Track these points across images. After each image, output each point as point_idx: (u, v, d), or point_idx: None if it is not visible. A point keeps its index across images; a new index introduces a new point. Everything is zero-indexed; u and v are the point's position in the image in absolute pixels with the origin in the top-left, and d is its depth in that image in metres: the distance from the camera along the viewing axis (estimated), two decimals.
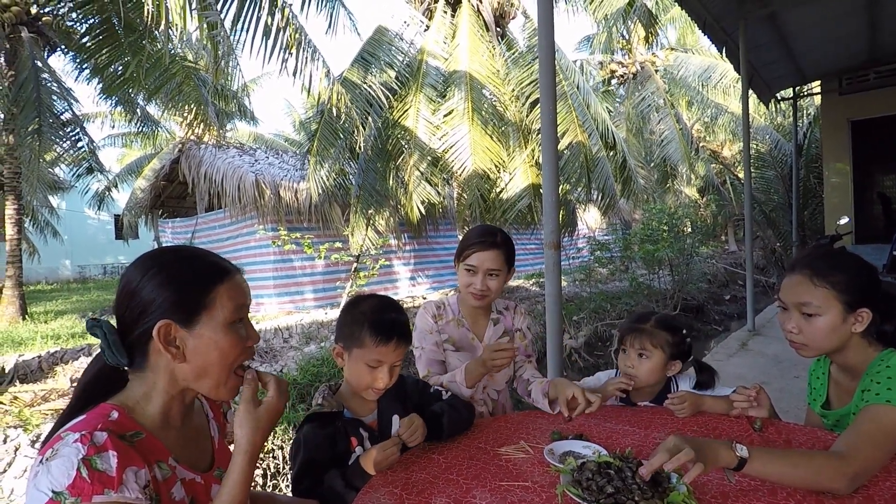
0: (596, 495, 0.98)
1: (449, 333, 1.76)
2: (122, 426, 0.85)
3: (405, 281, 10.89)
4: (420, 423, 1.30)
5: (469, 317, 1.80)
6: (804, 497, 1.02)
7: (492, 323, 1.81)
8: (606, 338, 7.28)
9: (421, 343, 1.74)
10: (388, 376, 1.32)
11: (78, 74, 7.59)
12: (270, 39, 4.83)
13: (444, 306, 1.81)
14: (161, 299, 0.87)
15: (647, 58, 14.15)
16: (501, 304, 1.87)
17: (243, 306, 0.95)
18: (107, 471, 0.76)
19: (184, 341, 0.89)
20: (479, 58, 7.96)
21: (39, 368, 5.51)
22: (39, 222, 16.33)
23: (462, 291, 1.73)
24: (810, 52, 6.86)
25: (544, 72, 2.41)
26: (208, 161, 9.42)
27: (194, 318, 0.88)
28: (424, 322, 1.76)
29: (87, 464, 0.75)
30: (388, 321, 1.33)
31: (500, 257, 1.67)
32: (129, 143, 18.08)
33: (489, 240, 1.67)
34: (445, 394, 1.50)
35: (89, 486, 0.74)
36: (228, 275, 0.94)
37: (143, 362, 0.90)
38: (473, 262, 1.66)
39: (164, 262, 0.91)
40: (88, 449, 0.76)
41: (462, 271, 1.70)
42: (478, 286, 1.65)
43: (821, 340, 1.26)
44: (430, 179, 7.97)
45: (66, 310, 10.79)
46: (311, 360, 5.64)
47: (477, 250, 1.65)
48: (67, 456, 0.75)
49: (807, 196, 9.91)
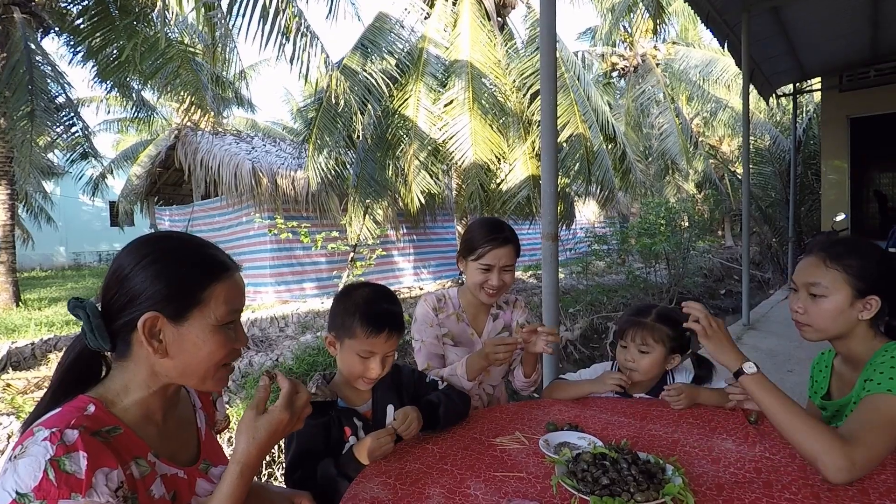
0: (591, 486, 0.98)
1: (448, 328, 1.75)
2: (98, 421, 0.81)
3: (402, 271, 10.88)
4: (415, 416, 1.28)
5: (470, 311, 1.79)
6: (799, 489, 1.02)
7: (491, 318, 1.80)
8: (602, 330, 7.31)
9: (421, 335, 1.72)
10: (379, 366, 1.31)
11: (72, 58, 7.49)
12: (268, 24, 4.76)
13: (444, 299, 1.78)
14: (152, 290, 0.83)
15: (648, 50, 14.07)
16: (502, 299, 1.84)
17: (237, 310, 0.90)
18: (75, 473, 0.72)
19: (169, 337, 0.84)
20: (481, 47, 7.89)
21: (33, 355, 5.49)
22: (33, 208, 16.17)
23: (472, 289, 1.70)
24: (812, 47, 6.82)
25: (545, 63, 2.38)
26: (205, 148, 9.33)
27: (184, 315, 0.84)
28: (425, 314, 1.74)
29: (55, 465, 0.71)
30: (379, 312, 1.31)
31: (513, 252, 1.67)
32: (124, 129, 17.92)
33: (501, 236, 1.65)
34: (441, 383, 1.49)
35: (55, 490, 0.70)
36: (227, 273, 0.89)
37: (125, 351, 0.86)
38: (489, 261, 1.64)
39: (161, 251, 0.86)
40: (57, 449, 0.73)
41: (474, 270, 1.67)
42: (494, 283, 1.64)
43: (824, 322, 1.24)
44: (430, 169, 7.93)
45: (60, 297, 10.74)
46: (307, 350, 5.64)
47: (492, 248, 1.63)
48: (35, 456, 0.72)
49: (804, 192, 9.93)
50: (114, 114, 16.19)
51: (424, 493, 1.05)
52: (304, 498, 1.10)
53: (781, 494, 1.01)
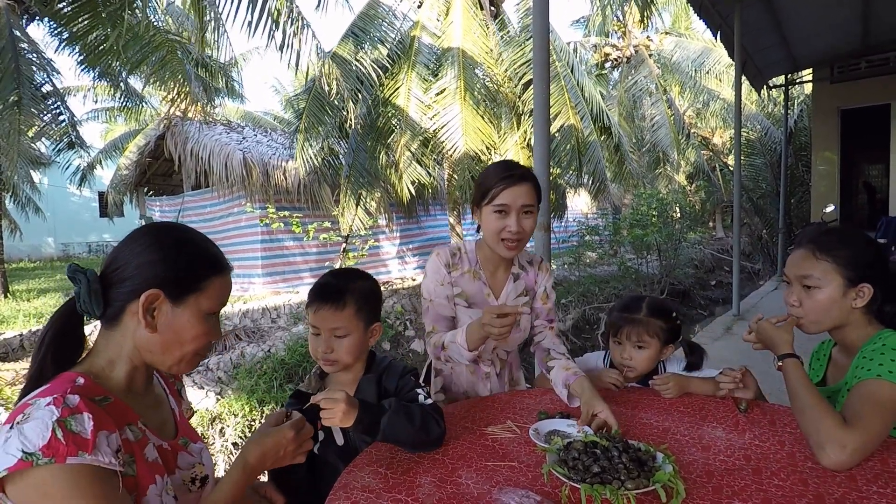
0: (582, 475, 0.98)
1: (462, 287, 1.57)
2: (89, 390, 0.84)
3: (395, 262, 10.87)
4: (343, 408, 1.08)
5: (487, 268, 1.60)
6: (788, 476, 1.03)
7: (511, 278, 1.61)
8: (594, 321, 7.36)
9: (430, 295, 1.56)
10: (325, 345, 1.25)
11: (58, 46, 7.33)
12: (256, 10, 4.68)
13: (459, 254, 1.60)
14: (161, 270, 0.90)
15: (641, 41, 14.03)
16: (525, 257, 1.66)
17: (222, 305, 0.99)
18: (81, 433, 0.75)
19: (163, 315, 0.90)
20: (473, 36, 7.82)
21: (21, 347, 5.44)
22: (20, 198, 15.92)
23: (490, 240, 1.51)
24: (804, 38, 6.84)
25: (538, 52, 2.36)
26: (195, 138, 9.21)
27: (184, 297, 0.91)
28: (436, 270, 1.57)
29: (62, 425, 0.74)
30: (318, 285, 1.30)
31: (532, 191, 1.48)
32: (112, 119, 17.61)
33: (516, 173, 1.47)
34: (425, 399, 1.25)
35: (64, 447, 0.73)
36: (224, 270, 0.99)
37: (115, 319, 0.91)
38: (505, 200, 1.44)
39: (176, 239, 0.95)
40: (63, 411, 0.75)
41: (489, 216, 1.47)
42: (513, 227, 1.45)
43: (819, 313, 1.26)
44: (422, 160, 7.88)
45: (49, 288, 10.63)
46: (298, 341, 5.63)
47: (506, 186, 1.44)
48: (41, 418, 0.74)
49: (794, 184, 10.00)
50: (101, 103, 15.87)
51: (416, 483, 1.05)
52: (266, 487, 1.11)
53: (770, 481, 1.02)
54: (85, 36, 5.37)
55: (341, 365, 1.28)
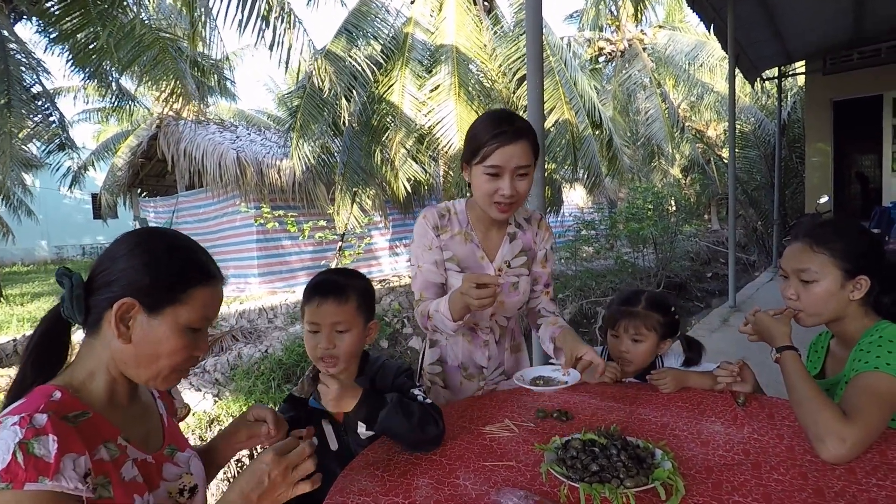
0: (580, 473, 0.97)
1: (453, 250, 1.46)
2: (65, 406, 0.81)
3: (391, 259, 10.85)
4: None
5: (480, 228, 1.48)
6: (787, 470, 1.03)
7: (507, 238, 1.49)
8: (592, 315, 7.37)
9: (417, 260, 1.47)
10: (326, 342, 1.21)
11: (47, 46, 7.25)
12: (247, 8, 4.63)
13: (449, 215, 1.48)
14: (137, 278, 0.86)
15: (635, 35, 14.02)
16: (522, 214, 1.53)
17: (209, 318, 0.93)
18: (44, 457, 0.72)
19: (138, 326, 0.86)
20: (466, 32, 7.80)
21: (15, 352, 5.40)
22: (12, 201, 15.79)
23: (481, 201, 1.38)
24: (797, 31, 6.84)
25: (532, 47, 2.34)
26: (188, 138, 9.15)
27: (160, 308, 0.87)
28: (423, 234, 1.46)
29: (24, 448, 0.71)
30: (315, 281, 1.28)
31: (528, 149, 1.32)
32: (104, 120, 17.48)
33: (510, 128, 1.30)
34: (423, 399, 1.22)
35: (23, 473, 0.70)
36: (211, 281, 0.92)
37: (95, 327, 0.88)
38: (497, 161, 1.29)
39: (155, 245, 0.90)
40: (27, 432, 0.72)
41: (479, 176, 1.33)
42: (506, 191, 1.31)
43: (817, 306, 1.26)
44: (417, 157, 7.86)
45: (42, 292, 10.56)
46: (295, 341, 5.61)
47: (499, 145, 1.29)
48: (4, 440, 0.72)
49: (788, 175, 10.03)
50: (93, 103, 15.77)
51: (413, 485, 1.04)
52: (259, 408, 1.10)
53: (770, 475, 1.01)
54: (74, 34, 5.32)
55: (342, 362, 1.26)
